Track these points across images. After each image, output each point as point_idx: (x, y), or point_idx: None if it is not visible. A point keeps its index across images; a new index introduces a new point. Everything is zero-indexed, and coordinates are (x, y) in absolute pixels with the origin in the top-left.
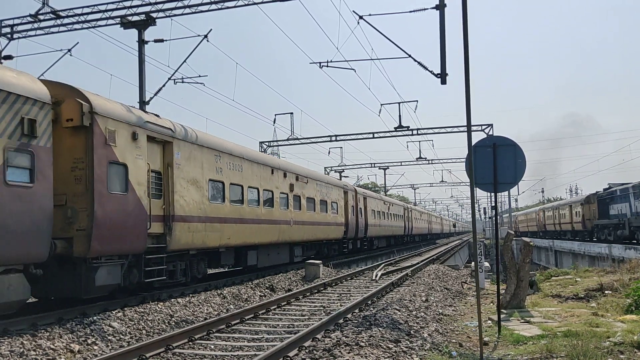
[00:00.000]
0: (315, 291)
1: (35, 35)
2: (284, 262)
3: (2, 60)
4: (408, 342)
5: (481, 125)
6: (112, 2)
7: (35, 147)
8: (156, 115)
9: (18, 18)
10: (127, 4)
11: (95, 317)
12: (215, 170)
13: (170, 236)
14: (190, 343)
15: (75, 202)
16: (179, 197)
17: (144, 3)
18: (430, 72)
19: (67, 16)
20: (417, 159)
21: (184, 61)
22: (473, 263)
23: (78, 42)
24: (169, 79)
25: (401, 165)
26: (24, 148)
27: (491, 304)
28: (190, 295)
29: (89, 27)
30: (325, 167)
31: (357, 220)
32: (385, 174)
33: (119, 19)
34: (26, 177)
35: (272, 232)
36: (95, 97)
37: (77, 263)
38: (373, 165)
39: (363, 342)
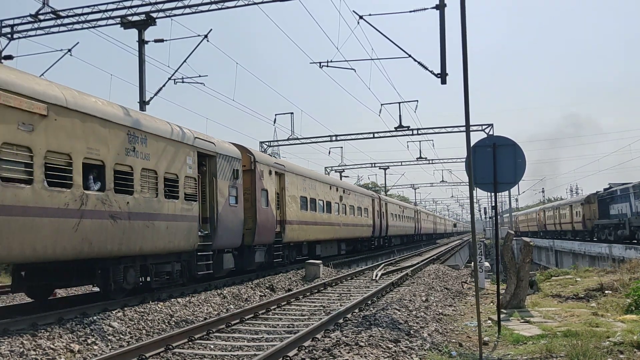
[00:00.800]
0: (315, 291)
1: (36, 35)
2: (335, 254)
3: (2, 60)
4: (408, 342)
5: (481, 125)
6: (112, 2)
7: (237, 184)
8: (272, 156)
9: (18, 18)
10: (127, 4)
11: (95, 317)
12: (303, 189)
13: (284, 233)
14: (190, 343)
15: (246, 213)
16: (287, 208)
17: (144, 3)
18: (431, 72)
19: (67, 16)
20: (417, 158)
21: (184, 61)
22: (473, 263)
23: (78, 42)
24: (169, 79)
25: (401, 165)
26: (233, 185)
27: (491, 304)
28: (190, 295)
29: (89, 27)
30: (325, 167)
31: (381, 222)
32: (385, 174)
33: (119, 19)
34: (235, 201)
35: (330, 231)
36: (255, 152)
37: (244, 249)
38: (373, 165)
39: (363, 342)
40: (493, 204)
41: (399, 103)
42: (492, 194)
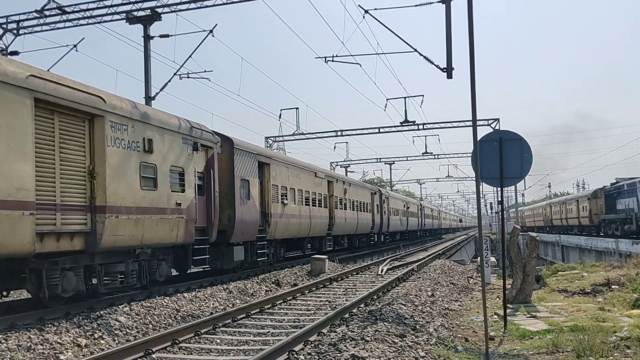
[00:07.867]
0: (321, 286)
1: (42, 30)
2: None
3: (9, 56)
4: (414, 337)
5: (487, 119)
6: None
7: (210, 171)
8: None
9: (24, 14)
10: None
11: (102, 312)
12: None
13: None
14: (196, 337)
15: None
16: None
17: None
18: (437, 66)
19: (73, 12)
20: (423, 153)
21: (190, 56)
22: (480, 258)
23: (84, 38)
24: (175, 74)
25: (407, 160)
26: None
27: (497, 299)
28: (197, 290)
29: (95, 23)
30: (331, 162)
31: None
32: (391, 169)
33: (124, 15)
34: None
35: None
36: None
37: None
38: (379, 160)
39: (369, 336)
40: (499, 199)
41: (405, 98)
42: (499, 188)
